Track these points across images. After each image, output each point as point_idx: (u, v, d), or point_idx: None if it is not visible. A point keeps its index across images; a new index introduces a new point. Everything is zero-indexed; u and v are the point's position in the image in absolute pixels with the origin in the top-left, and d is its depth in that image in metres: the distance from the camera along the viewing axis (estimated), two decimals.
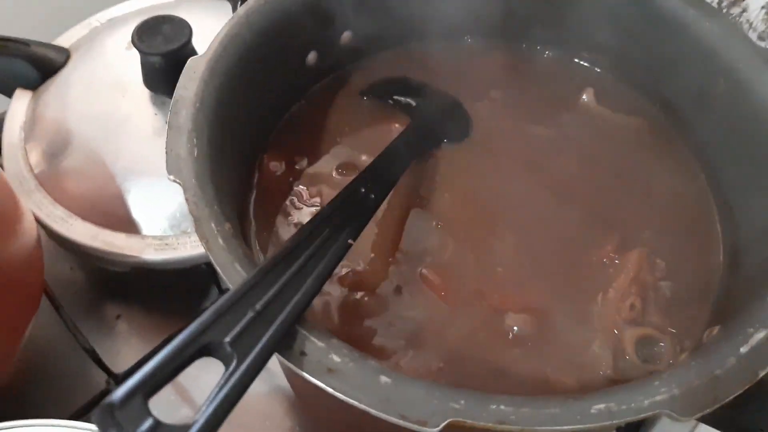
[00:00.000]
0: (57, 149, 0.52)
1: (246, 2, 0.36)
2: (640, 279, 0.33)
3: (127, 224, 0.49)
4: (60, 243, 0.50)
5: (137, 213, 0.49)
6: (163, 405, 0.24)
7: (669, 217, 0.37)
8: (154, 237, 0.48)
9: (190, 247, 0.48)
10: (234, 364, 0.21)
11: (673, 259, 0.35)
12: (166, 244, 0.48)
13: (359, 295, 0.34)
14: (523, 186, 0.38)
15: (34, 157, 0.53)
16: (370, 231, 0.35)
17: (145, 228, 0.49)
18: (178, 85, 0.32)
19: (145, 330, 0.53)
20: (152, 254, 0.48)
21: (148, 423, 0.18)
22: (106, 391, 0.47)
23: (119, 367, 0.48)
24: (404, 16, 0.42)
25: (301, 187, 0.38)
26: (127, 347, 0.52)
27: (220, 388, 0.20)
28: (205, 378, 0.49)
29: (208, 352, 0.21)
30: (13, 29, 0.56)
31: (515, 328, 0.32)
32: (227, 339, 0.22)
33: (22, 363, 0.48)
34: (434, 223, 0.36)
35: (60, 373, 0.50)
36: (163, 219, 0.49)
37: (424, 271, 0.34)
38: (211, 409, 0.19)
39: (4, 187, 0.41)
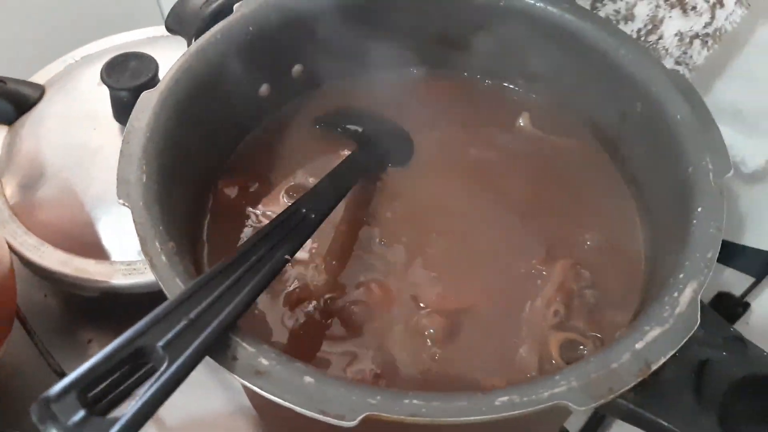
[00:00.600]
0: (31, 181, 0.55)
1: (197, 40, 0.39)
2: (565, 287, 0.36)
3: (96, 251, 0.51)
4: (33, 270, 0.52)
5: (106, 240, 0.51)
6: None
7: (596, 231, 0.39)
8: (122, 262, 0.50)
9: None
10: (165, 365, 0.23)
11: (598, 270, 0.37)
12: (134, 269, 0.50)
13: (307, 308, 0.36)
14: (460, 204, 0.40)
15: (9, 189, 0.55)
16: (321, 247, 0.38)
17: (114, 254, 0.51)
18: (131, 116, 0.34)
19: None
20: (121, 279, 0.50)
21: (80, 415, 0.21)
22: None
23: None
24: (351, 50, 0.45)
25: (252, 209, 0.40)
26: None
27: (150, 387, 0.22)
28: (175, 399, 0.51)
29: (142, 355, 0.23)
30: None
31: (448, 333, 0.34)
32: (160, 343, 0.24)
33: None
34: (378, 240, 0.38)
35: (31, 394, 0.51)
36: (131, 245, 0.51)
37: (369, 283, 0.37)
38: (139, 405, 0.22)
39: None
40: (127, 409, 0.21)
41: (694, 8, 0.39)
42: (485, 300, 0.36)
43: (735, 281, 0.51)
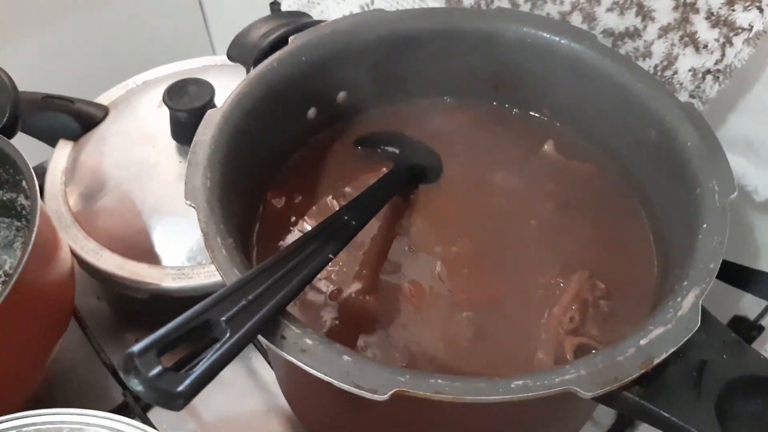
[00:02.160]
0: (92, 191, 0.60)
1: (256, 67, 0.43)
2: (580, 297, 0.39)
3: (149, 256, 0.56)
4: (90, 272, 0.56)
5: (159, 246, 0.56)
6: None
7: (612, 248, 0.42)
8: (172, 267, 0.55)
9: (204, 277, 0.54)
10: (226, 337, 0.27)
11: (613, 283, 0.40)
12: (183, 274, 0.55)
13: (344, 303, 0.40)
14: (485, 221, 0.44)
15: (73, 198, 0.60)
16: (358, 255, 0.42)
17: (165, 260, 0.55)
18: (197, 131, 0.39)
19: None
20: (170, 282, 0.54)
21: (157, 369, 0.25)
22: (124, 404, 0.53)
23: None
24: (391, 80, 0.49)
25: (296, 219, 0.44)
26: None
27: (214, 352, 0.26)
28: (213, 398, 0.55)
29: (208, 327, 0.27)
30: (59, 88, 0.64)
31: (474, 334, 0.38)
32: (223, 318, 0.28)
33: (50, 375, 0.55)
34: (407, 248, 0.42)
35: (83, 385, 0.56)
36: (181, 252, 0.55)
37: (403, 284, 0.40)
38: (205, 365, 0.25)
39: (46, 223, 0.48)
40: (196, 368, 0.25)
41: (705, 46, 0.42)
42: (507, 307, 0.39)
43: (750, 306, 0.53)
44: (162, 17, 0.90)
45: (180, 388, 0.24)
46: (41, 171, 0.62)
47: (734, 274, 0.50)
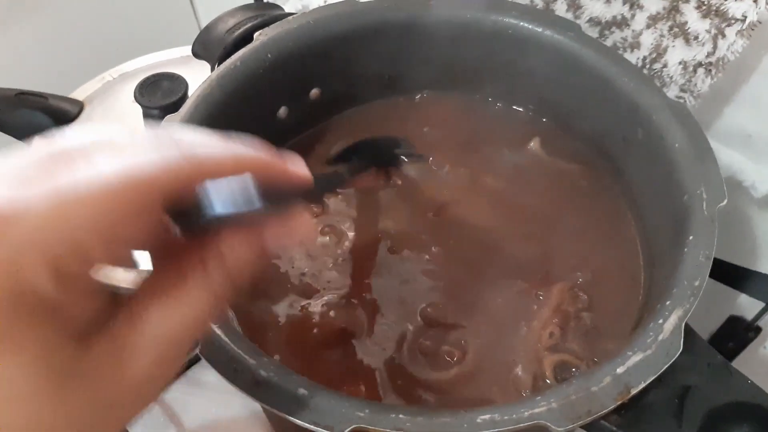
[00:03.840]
0: None
1: (219, 68, 0.41)
2: (561, 310, 0.37)
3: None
4: None
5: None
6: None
7: (597, 254, 0.40)
8: (149, 272, 0.53)
9: None
10: None
11: (596, 293, 0.38)
12: None
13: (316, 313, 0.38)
14: (467, 221, 0.42)
15: None
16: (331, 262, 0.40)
17: (142, 263, 0.54)
18: None
19: None
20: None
21: None
22: None
23: None
24: (365, 75, 0.47)
25: None
26: None
27: None
28: (194, 403, 0.54)
29: None
30: (32, 83, 0.62)
31: (451, 352, 0.36)
32: None
33: None
34: (387, 250, 0.41)
35: None
36: None
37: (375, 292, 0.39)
38: None
39: None
40: None
41: (696, 38, 0.39)
42: (484, 319, 0.37)
43: (747, 306, 0.51)
44: (148, 3, 0.87)
45: None
46: None
47: (730, 275, 0.48)
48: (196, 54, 0.46)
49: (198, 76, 0.55)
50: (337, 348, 0.36)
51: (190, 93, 0.54)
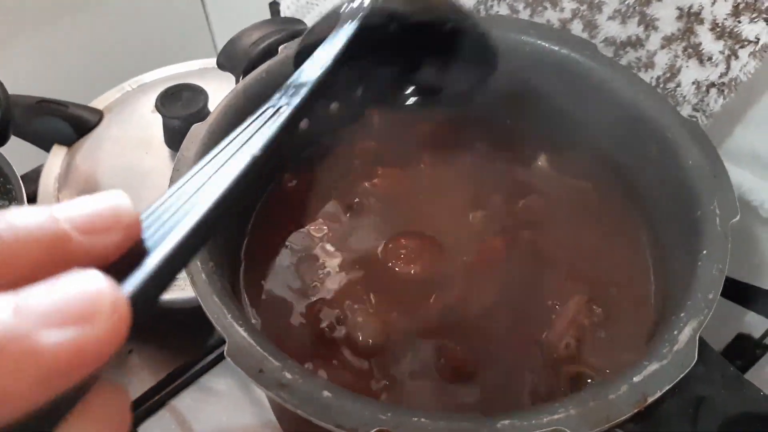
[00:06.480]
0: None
1: (245, 78, 0.42)
2: (577, 322, 0.37)
3: None
4: None
5: None
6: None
7: (611, 270, 0.41)
8: None
9: None
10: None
11: (611, 308, 0.39)
12: (176, 285, 0.53)
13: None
14: (476, 240, 0.43)
15: None
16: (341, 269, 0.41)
17: None
18: (181, 147, 0.38)
19: (155, 363, 0.58)
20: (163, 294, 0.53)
21: None
22: None
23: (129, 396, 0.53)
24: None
25: (284, 237, 0.43)
26: (137, 379, 0.57)
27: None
28: (206, 411, 0.54)
29: None
30: (54, 92, 0.63)
31: (466, 358, 0.37)
32: None
33: None
34: (396, 269, 0.41)
35: None
36: None
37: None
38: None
39: None
40: None
41: (710, 59, 0.40)
42: (501, 331, 0.38)
43: (755, 323, 0.51)
44: (164, 17, 0.88)
45: None
46: (35, 176, 0.61)
47: (739, 292, 0.49)
48: (221, 66, 0.48)
49: (214, 87, 0.57)
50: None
51: (209, 104, 0.56)
